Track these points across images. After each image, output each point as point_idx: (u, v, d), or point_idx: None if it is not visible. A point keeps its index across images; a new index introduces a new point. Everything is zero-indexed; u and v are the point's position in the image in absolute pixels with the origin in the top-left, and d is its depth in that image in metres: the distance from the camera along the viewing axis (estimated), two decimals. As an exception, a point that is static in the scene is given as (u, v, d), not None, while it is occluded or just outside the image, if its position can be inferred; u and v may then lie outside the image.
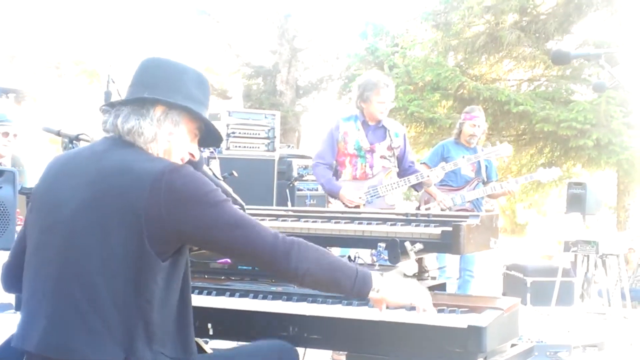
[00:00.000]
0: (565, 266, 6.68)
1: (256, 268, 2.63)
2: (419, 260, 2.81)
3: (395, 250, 2.53)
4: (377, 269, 2.55)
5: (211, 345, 2.18)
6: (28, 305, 2.01)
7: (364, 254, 2.99)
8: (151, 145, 2.05)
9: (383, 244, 2.55)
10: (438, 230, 2.56)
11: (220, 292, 2.50)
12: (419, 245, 2.52)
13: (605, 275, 6.14)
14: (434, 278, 2.94)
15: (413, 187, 5.30)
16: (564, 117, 9.29)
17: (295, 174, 7.12)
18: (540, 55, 10.54)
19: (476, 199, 5.96)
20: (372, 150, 5.04)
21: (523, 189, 11.06)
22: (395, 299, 2.12)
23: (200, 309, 2.08)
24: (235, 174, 5.09)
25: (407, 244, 2.52)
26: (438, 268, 3.12)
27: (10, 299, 2.55)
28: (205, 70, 18.30)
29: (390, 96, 5.07)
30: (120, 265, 1.90)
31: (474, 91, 10.00)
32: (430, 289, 2.60)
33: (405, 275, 2.72)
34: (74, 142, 3.97)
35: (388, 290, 2.10)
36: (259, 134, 7.16)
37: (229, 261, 2.67)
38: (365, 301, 2.32)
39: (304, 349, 2.62)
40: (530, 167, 11.15)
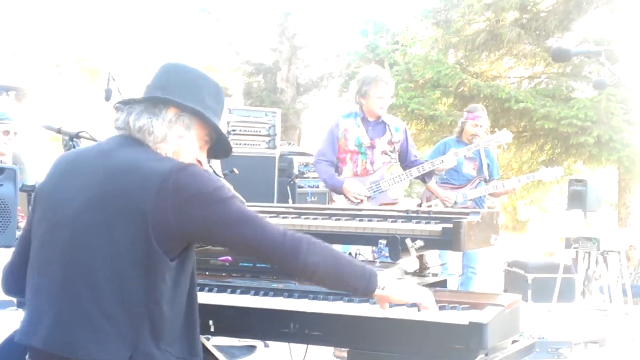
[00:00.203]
0: (566, 263, 6.69)
1: (257, 264, 2.63)
2: (420, 257, 2.81)
3: (396, 247, 2.53)
4: (378, 267, 2.55)
5: (212, 342, 2.18)
6: (33, 302, 2.00)
7: (365, 250, 2.99)
8: (160, 145, 2.04)
9: (384, 241, 2.55)
10: (439, 227, 2.56)
11: (222, 289, 2.50)
12: (420, 242, 2.52)
13: (606, 272, 6.14)
14: (436, 275, 2.94)
15: (422, 179, 5.27)
16: (565, 115, 9.28)
17: (296, 172, 7.13)
18: (541, 53, 10.54)
19: (478, 197, 5.96)
20: (373, 146, 5.04)
21: (524, 186, 11.05)
22: (399, 297, 2.14)
23: (201, 305, 2.08)
24: (236, 171, 5.10)
25: (408, 241, 2.52)
26: (440, 265, 3.11)
27: (12, 296, 2.55)
28: (205, 68, 18.32)
29: (389, 91, 5.06)
30: (126, 264, 1.89)
31: (475, 88, 9.99)
32: (431, 285, 2.61)
33: (407, 273, 2.72)
34: (75, 140, 3.98)
35: (392, 288, 2.13)
36: (260, 132, 7.17)
37: (230, 258, 2.67)
38: (367, 298, 2.32)
39: (305, 345, 2.62)
40: (531, 165, 11.15)
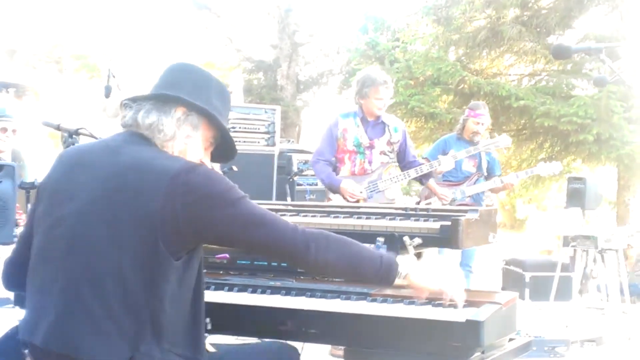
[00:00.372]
0: (564, 261, 6.69)
1: (255, 262, 2.63)
2: (418, 255, 2.81)
3: (394, 244, 2.53)
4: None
5: (210, 340, 2.18)
6: (35, 298, 1.98)
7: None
8: (168, 144, 2.03)
9: (382, 239, 2.55)
10: (437, 225, 2.56)
11: (219, 287, 2.50)
12: (418, 240, 2.52)
13: (604, 270, 6.15)
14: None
15: (419, 180, 5.29)
16: (565, 112, 9.28)
17: (295, 169, 7.12)
18: (541, 50, 10.52)
19: (477, 194, 5.95)
20: (372, 146, 5.05)
21: (523, 184, 11.06)
22: (423, 285, 2.11)
23: (199, 303, 2.08)
24: (235, 168, 5.11)
25: (406, 239, 2.52)
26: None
27: (9, 293, 2.55)
28: (205, 65, 18.32)
29: (389, 93, 5.07)
30: (130, 262, 1.87)
31: (475, 86, 9.98)
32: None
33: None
34: (74, 137, 3.98)
35: (416, 275, 2.09)
36: (259, 129, 7.16)
37: (227, 256, 2.67)
38: (364, 295, 2.33)
39: (302, 343, 2.63)
40: (530, 162, 11.14)
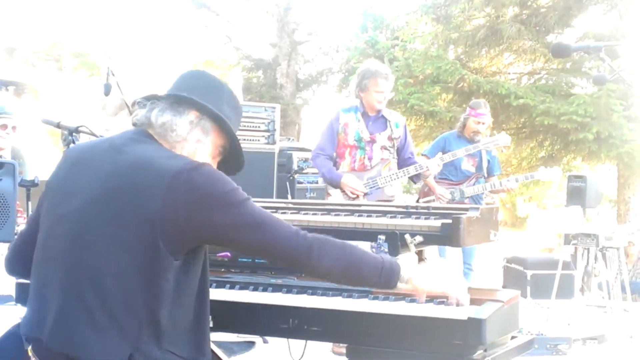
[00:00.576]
0: (565, 259, 6.69)
1: (256, 260, 2.63)
2: (419, 253, 2.80)
3: (395, 242, 2.52)
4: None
5: (211, 338, 2.17)
6: (37, 296, 1.98)
7: (364, 246, 2.99)
8: (178, 145, 2.03)
9: (383, 237, 2.54)
10: (438, 223, 2.55)
11: (220, 285, 2.50)
12: (419, 238, 2.52)
13: (605, 268, 6.15)
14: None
15: (411, 179, 5.26)
16: (564, 111, 9.28)
17: (295, 167, 7.12)
18: (541, 49, 10.53)
19: (476, 195, 5.93)
20: (373, 141, 5.02)
21: (523, 182, 11.04)
22: (426, 288, 2.10)
23: (200, 301, 2.08)
24: (235, 166, 5.09)
25: (407, 237, 2.52)
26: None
27: (11, 291, 2.54)
28: (205, 64, 18.33)
29: (389, 86, 5.04)
30: (130, 261, 1.86)
31: (474, 84, 9.99)
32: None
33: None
34: (74, 134, 3.97)
35: (419, 279, 2.09)
36: (259, 127, 7.14)
37: (228, 254, 2.67)
38: (365, 293, 2.32)
39: (304, 341, 2.62)
40: (530, 161, 11.15)
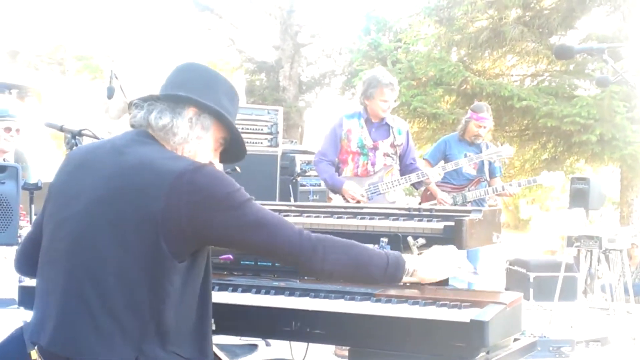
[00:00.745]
0: (568, 261, 6.69)
1: (259, 263, 2.63)
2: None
3: (398, 245, 2.53)
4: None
5: (214, 341, 2.17)
6: (41, 299, 1.98)
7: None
8: (179, 146, 2.02)
9: (385, 239, 2.55)
10: (440, 225, 2.56)
11: (223, 287, 2.49)
12: (422, 240, 2.52)
13: (608, 271, 6.14)
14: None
15: (412, 185, 5.28)
16: (567, 112, 9.27)
17: (298, 170, 7.13)
18: (544, 51, 10.52)
19: (478, 199, 5.91)
20: (376, 148, 5.03)
21: (525, 186, 11.03)
22: (431, 277, 2.20)
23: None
24: (238, 169, 5.10)
25: (410, 239, 2.52)
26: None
27: (14, 294, 2.55)
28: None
29: (394, 96, 5.06)
30: (133, 264, 1.86)
31: (477, 86, 9.98)
32: (434, 284, 2.60)
33: None
34: (77, 138, 3.99)
35: (423, 270, 2.17)
36: (262, 130, 7.15)
37: (231, 257, 2.67)
38: (368, 296, 2.32)
39: (306, 344, 2.62)
40: (533, 163, 11.14)
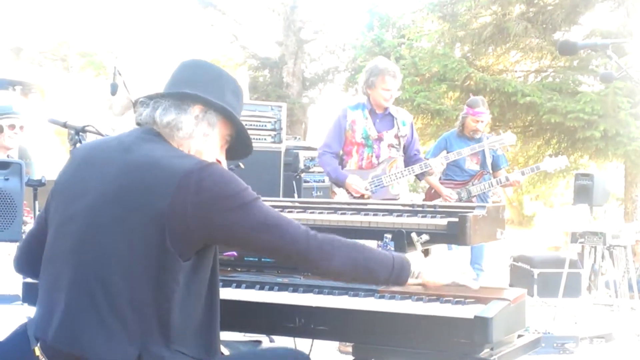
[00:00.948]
0: (572, 257, 6.67)
1: (263, 259, 2.63)
2: (425, 252, 2.80)
3: (402, 241, 2.53)
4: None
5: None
6: (46, 295, 1.98)
7: (371, 245, 2.99)
8: (185, 142, 2.02)
9: (389, 235, 2.55)
10: (444, 221, 2.55)
11: (227, 284, 2.49)
12: (425, 237, 2.52)
13: (612, 267, 6.13)
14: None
15: (416, 176, 5.26)
16: (571, 108, 9.24)
17: (301, 166, 7.12)
18: (547, 46, 10.49)
19: (483, 193, 5.90)
20: (380, 139, 5.02)
21: (530, 181, 11.03)
22: (436, 281, 2.19)
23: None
24: (242, 165, 5.10)
25: (414, 235, 2.52)
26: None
27: (18, 290, 2.55)
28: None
29: (396, 84, 5.03)
30: (139, 261, 1.86)
31: (481, 82, 9.96)
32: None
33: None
34: (80, 134, 3.99)
35: (428, 273, 2.17)
36: (266, 126, 7.14)
37: (235, 253, 2.67)
38: (372, 292, 2.32)
39: (310, 340, 2.62)
40: (537, 159, 11.11)
